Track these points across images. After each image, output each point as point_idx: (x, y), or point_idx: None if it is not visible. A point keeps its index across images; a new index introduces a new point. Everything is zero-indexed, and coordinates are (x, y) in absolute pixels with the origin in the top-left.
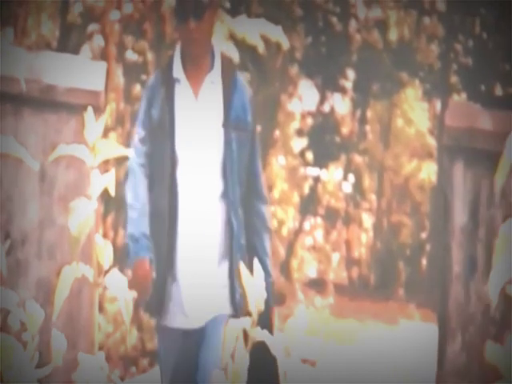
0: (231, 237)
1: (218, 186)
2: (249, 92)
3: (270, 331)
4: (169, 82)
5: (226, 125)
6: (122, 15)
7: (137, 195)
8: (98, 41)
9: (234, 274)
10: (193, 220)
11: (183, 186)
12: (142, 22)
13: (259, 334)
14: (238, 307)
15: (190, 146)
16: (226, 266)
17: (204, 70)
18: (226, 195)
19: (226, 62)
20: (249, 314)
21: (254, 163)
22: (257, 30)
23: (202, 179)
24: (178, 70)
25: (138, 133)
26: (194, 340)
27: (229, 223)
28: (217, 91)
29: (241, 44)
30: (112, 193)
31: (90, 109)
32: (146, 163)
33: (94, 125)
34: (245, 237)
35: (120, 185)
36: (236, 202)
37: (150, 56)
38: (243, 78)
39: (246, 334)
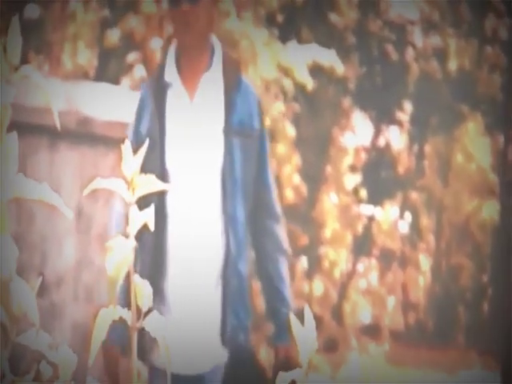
0: (227, 261)
1: (217, 201)
2: (256, 95)
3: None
4: (160, 89)
5: (226, 130)
6: (164, 42)
7: None
8: (139, 70)
9: (226, 306)
10: (187, 245)
11: (174, 210)
12: None
13: None
14: (230, 343)
15: (184, 158)
16: (219, 295)
17: (201, 68)
18: (224, 211)
19: (229, 60)
20: (299, 365)
21: (262, 175)
22: (308, 59)
23: (199, 197)
24: (170, 72)
25: None
26: None
27: (226, 245)
28: (216, 92)
29: (290, 77)
30: (151, 229)
31: (127, 142)
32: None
33: (131, 159)
34: (256, 261)
35: None
36: (236, 219)
37: None
38: (249, 80)
39: None
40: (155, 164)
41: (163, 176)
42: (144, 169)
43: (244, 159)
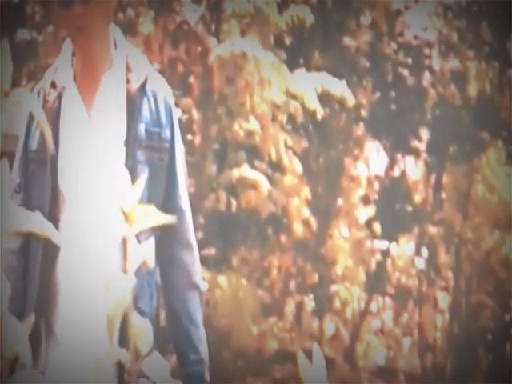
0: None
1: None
2: (168, 98)
3: None
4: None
5: (128, 143)
6: (164, 68)
7: None
8: None
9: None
10: (80, 282)
11: (68, 240)
12: (186, 75)
13: None
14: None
15: (80, 177)
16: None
17: (100, 69)
18: None
19: (133, 54)
20: None
21: (172, 195)
22: (317, 87)
23: (98, 224)
24: (64, 75)
25: (13, 181)
26: None
27: None
28: (118, 97)
29: (299, 103)
30: (151, 265)
31: (125, 170)
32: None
33: (130, 190)
34: (163, 297)
35: None
36: None
37: (195, 114)
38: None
39: None
40: (46, 185)
41: (55, 200)
42: (31, 190)
43: (151, 177)
